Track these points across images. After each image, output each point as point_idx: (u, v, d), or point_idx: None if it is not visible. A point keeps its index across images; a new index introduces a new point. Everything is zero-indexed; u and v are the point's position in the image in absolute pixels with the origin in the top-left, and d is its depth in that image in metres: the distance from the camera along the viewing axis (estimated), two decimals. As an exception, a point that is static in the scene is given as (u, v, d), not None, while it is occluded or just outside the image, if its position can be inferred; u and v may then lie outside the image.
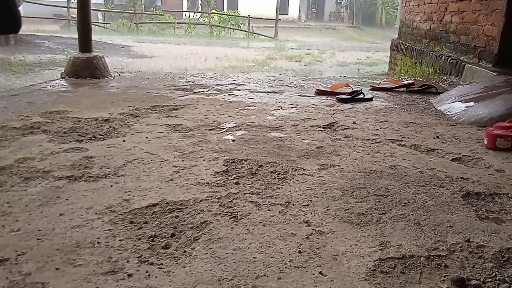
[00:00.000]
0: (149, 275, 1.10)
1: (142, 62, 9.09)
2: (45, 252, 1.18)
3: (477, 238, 1.32)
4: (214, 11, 21.22)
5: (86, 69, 4.13)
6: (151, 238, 1.27)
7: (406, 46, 6.54)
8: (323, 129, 2.53)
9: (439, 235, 1.33)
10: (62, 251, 1.19)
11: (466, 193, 1.66)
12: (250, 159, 1.96)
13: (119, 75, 4.58)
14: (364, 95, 3.50)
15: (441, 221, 1.43)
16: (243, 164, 1.90)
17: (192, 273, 1.11)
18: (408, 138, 2.39)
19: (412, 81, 4.22)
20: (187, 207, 1.47)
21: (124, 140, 2.20)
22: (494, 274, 1.14)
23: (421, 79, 4.74)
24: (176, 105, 3.03)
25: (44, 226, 1.32)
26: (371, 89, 4.00)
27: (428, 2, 5.94)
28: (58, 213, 1.40)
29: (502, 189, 1.71)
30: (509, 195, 1.66)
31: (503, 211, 1.53)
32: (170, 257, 1.18)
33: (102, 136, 2.26)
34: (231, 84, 4.07)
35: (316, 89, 3.79)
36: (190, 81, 4.16)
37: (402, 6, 7.66)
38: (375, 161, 1.99)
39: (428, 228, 1.37)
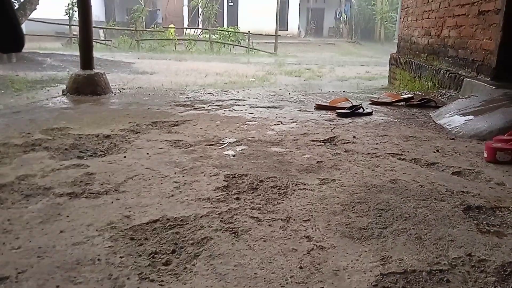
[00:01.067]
0: (149, 292, 1.09)
1: (143, 79, 9.14)
2: (45, 269, 1.18)
3: (478, 252, 1.32)
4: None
5: (88, 86, 4.16)
6: (152, 255, 1.27)
7: (405, 61, 6.59)
8: (323, 144, 2.54)
9: (441, 250, 1.33)
10: (62, 269, 1.18)
11: (467, 206, 1.66)
12: (250, 174, 1.97)
13: (120, 91, 4.61)
14: (364, 110, 3.52)
15: (442, 235, 1.42)
16: (243, 179, 1.91)
17: (192, 290, 1.11)
18: (408, 152, 2.40)
19: (411, 95, 4.24)
20: (187, 223, 1.47)
21: (125, 156, 2.20)
22: (496, 288, 1.13)
23: (420, 93, 4.76)
24: (177, 121, 3.04)
25: (44, 243, 1.32)
26: (370, 104, 4.02)
27: (425, 17, 6.01)
28: (59, 230, 1.40)
29: (503, 202, 1.71)
30: (510, 208, 1.65)
31: (504, 225, 1.52)
32: (170, 274, 1.18)
33: (103, 153, 2.27)
34: (231, 99, 4.09)
35: (316, 104, 3.81)
36: (190, 97, 4.18)
37: (400, 21, 7.74)
38: (376, 175, 1.99)
39: (429, 243, 1.37)
